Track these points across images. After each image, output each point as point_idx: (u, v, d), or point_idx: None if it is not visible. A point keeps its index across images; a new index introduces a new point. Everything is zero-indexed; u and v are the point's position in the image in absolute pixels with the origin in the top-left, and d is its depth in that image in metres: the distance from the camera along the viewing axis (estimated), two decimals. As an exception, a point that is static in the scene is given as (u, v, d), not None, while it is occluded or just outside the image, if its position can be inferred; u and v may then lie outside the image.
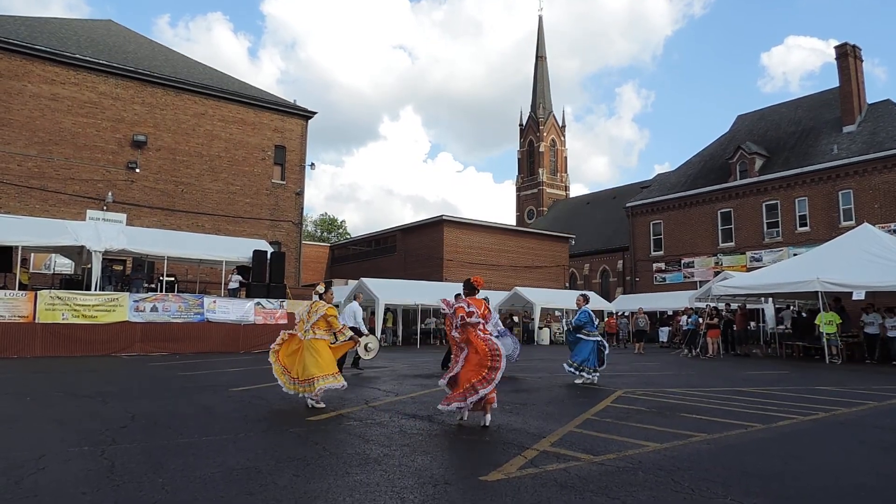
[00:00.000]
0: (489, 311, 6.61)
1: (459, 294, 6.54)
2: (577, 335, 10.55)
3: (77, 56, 23.20)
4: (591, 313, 10.76)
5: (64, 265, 20.90)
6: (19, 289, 15.15)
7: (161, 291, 17.50)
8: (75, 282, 17.38)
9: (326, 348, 7.30)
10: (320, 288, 7.86)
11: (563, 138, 77.21)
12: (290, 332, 7.51)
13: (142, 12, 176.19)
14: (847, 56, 30.69)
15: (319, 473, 4.17)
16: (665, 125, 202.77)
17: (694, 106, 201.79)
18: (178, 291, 18.49)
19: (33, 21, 25.70)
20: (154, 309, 16.30)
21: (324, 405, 7.09)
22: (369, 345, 12.56)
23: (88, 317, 15.26)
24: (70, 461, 4.40)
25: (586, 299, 10.95)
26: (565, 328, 10.81)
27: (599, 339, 10.65)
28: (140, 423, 5.93)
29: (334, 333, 7.49)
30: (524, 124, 78.02)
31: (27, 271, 17.51)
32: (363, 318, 13.19)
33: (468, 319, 6.09)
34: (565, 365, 10.59)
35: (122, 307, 15.80)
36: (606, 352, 10.71)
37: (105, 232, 17.09)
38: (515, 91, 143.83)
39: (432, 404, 7.56)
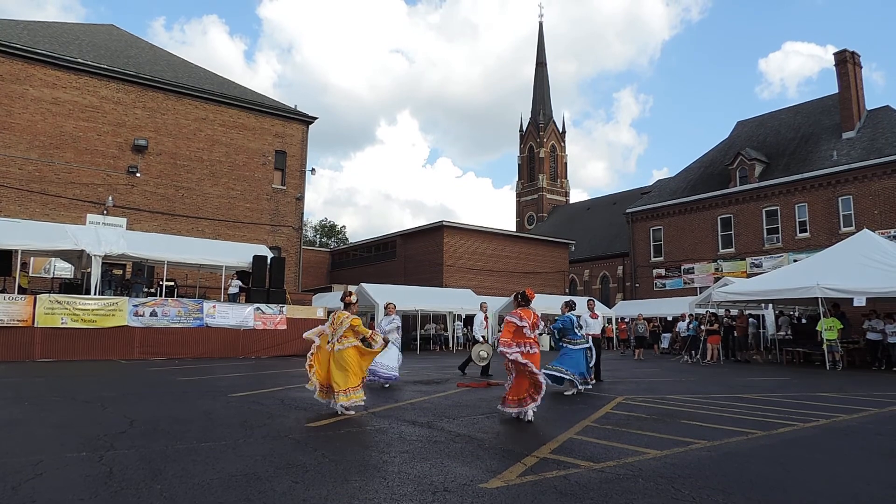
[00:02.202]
0: (538, 319, 7.21)
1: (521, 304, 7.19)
2: (561, 343, 10.01)
3: (78, 60, 23.27)
4: (575, 319, 10.21)
5: (64, 269, 20.89)
6: (19, 293, 15.15)
7: (160, 296, 17.49)
8: (75, 286, 17.37)
9: (355, 357, 7.20)
10: (351, 297, 7.67)
11: (562, 144, 77.33)
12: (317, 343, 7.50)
13: (137, 15, 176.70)
14: (846, 62, 30.76)
15: (318, 480, 4.16)
16: (663, 130, 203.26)
17: (692, 111, 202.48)
18: (177, 296, 18.48)
19: (35, 25, 25.78)
20: (153, 313, 16.29)
21: (353, 412, 7.11)
22: (482, 353, 12.41)
23: (88, 321, 15.25)
24: (68, 467, 4.38)
25: (570, 306, 10.52)
26: (546, 333, 10.32)
27: (587, 345, 10.17)
28: (139, 429, 5.91)
29: (364, 339, 7.40)
30: (524, 130, 78.18)
31: (27, 275, 17.50)
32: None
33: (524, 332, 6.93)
34: (574, 378, 9.85)
35: (122, 311, 15.79)
36: (592, 363, 10.36)
37: (105, 236, 17.10)
38: (513, 94, 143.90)
39: (432, 411, 7.55)
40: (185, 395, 8.76)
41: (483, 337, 13.36)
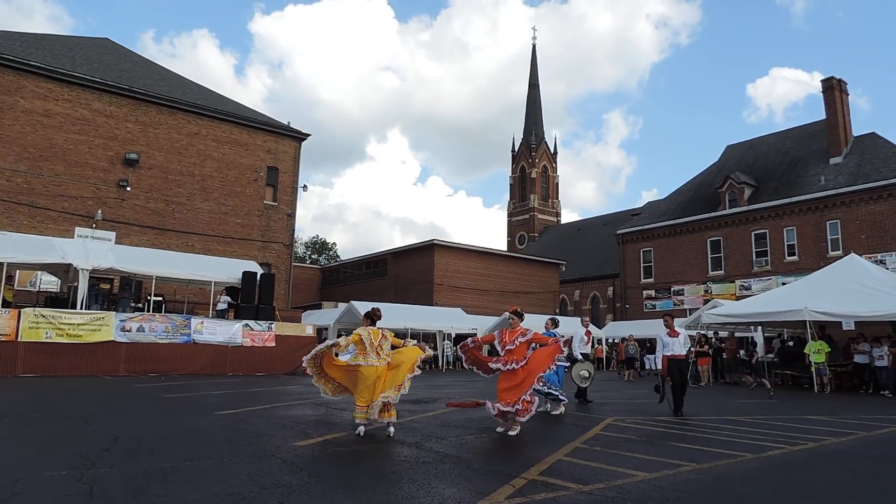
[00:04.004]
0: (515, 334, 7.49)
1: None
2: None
3: (71, 73, 23.26)
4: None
5: (50, 283, 20.65)
6: (3, 306, 14.92)
7: (148, 311, 17.31)
8: (61, 300, 17.17)
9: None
10: (378, 312, 7.49)
11: (554, 165, 78.05)
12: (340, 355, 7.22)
13: (127, 27, 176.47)
14: (833, 90, 31.38)
15: (305, 501, 4.09)
16: (652, 152, 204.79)
17: (680, 133, 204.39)
18: (165, 311, 18.31)
19: (28, 37, 25.79)
20: (140, 329, 16.10)
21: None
22: (581, 372, 11.75)
23: (73, 336, 15.04)
24: (47, 486, 4.28)
25: (555, 323, 10.61)
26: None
27: (566, 364, 10.57)
28: (122, 447, 5.80)
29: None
30: (516, 150, 78.86)
31: (11, 288, 17.27)
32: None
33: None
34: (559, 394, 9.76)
35: (108, 326, 15.59)
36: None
37: (93, 250, 16.96)
38: (503, 114, 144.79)
39: (420, 431, 7.47)
40: (171, 412, 8.63)
41: (584, 355, 12.10)
